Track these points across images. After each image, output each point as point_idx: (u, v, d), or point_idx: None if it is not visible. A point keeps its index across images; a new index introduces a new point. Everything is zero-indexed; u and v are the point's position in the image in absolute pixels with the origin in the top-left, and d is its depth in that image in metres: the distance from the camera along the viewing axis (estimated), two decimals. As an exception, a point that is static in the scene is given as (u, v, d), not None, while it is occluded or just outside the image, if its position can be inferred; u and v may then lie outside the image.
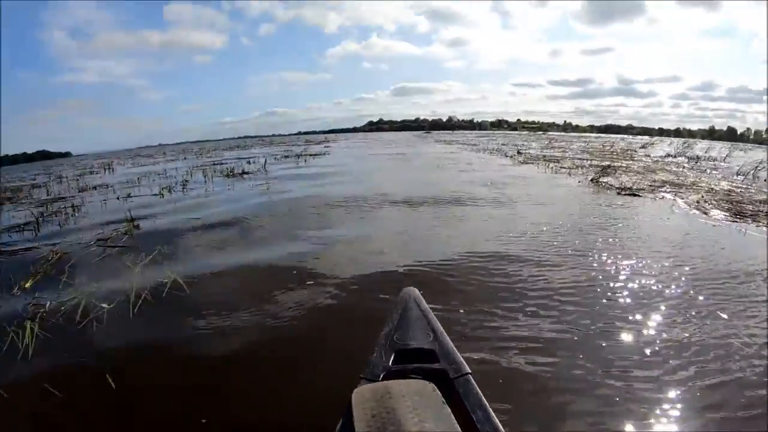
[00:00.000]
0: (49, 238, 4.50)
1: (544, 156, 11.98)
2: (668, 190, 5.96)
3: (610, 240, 3.60)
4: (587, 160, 10.97)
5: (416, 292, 1.46)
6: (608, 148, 18.27)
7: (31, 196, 9.36)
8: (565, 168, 8.81)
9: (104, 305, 2.48)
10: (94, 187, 9.72)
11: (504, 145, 20.09)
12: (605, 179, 6.85)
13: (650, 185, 6.30)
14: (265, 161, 12.13)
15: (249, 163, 12.94)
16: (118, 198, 7.23)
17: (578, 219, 4.30)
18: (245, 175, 9.37)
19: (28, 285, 2.99)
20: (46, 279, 3.11)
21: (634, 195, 5.57)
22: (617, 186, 6.22)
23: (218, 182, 8.47)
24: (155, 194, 7.32)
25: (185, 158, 20.82)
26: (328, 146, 24.14)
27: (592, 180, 6.86)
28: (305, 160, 13.36)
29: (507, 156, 12.49)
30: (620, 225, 4.06)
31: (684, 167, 9.80)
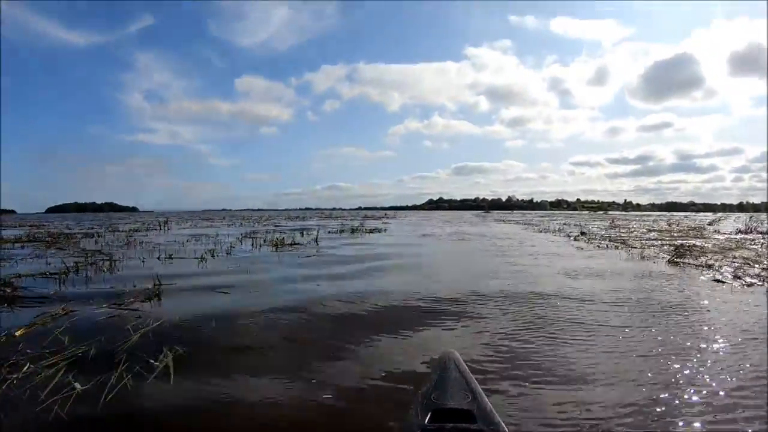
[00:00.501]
0: (71, 290, 4.53)
1: (610, 237, 11.97)
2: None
3: None
4: (657, 240, 10.92)
5: (456, 354, 1.48)
6: (675, 226, 18.52)
7: (78, 245, 9.68)
8: (636, 249, 8.65)
9: (77, 386, 2.00)
10: (141, 244, 10.07)
11: (566, 225, 20.53)
12: (686, 260, 6.74)
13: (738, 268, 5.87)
14: (317, 234, 12.04)
15: (302, 234, 13.17)
16: (158, 258, 7.24)
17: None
18: (294, 247, 9.21)
19: (18, 333, 2.94)
20: (40, 332, 3.01)
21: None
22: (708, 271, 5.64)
23: (264, 252, 8.33)
24: (197, 257, 7.21)
25: (242, 224, 22.06)
26: (386, 222, 24.79)
27: (669, 261, 6.73)
28: (360, 236, 13.41)
29: (571, 237, 12.45)
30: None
31: (762, 243, 9.67)
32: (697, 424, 1.74)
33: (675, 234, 13.22)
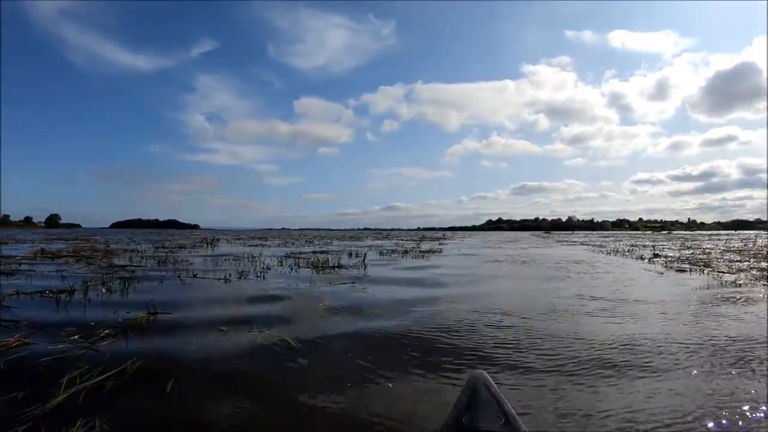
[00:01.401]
0: (52, 315, 4.28)
1: (688, 259, 11.77)
2: None
3: None
4: (739, 261, 10.68)
5: (485, 375, 1.49)
6: (751, 245, 18.70)
7: (109, 261, 9.92)
8: (725, 273, 8.16)
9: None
10: (175, 262, 10.06)
11: (633, 246, 20.71)
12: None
13: None
14: (365, 256, 11.50)
15: (350, 255, 13.07)
16: (179, 277, 7.00)
17: None
18: (338, 269, 8.73)
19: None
20: None
21: None
22: None
23: (302, 274, 7.79)
24: (221, 278, 6.91)
25: (294, 244, 22.48)
26: (443, 243, 25.00)
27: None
28: (414, 257, 13.13)
29: (644, 259, 12.18)
30: None
31: None
32: None
33: (757, 255, 13.08)
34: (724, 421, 1.99)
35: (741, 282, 6.89)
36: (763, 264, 9.36)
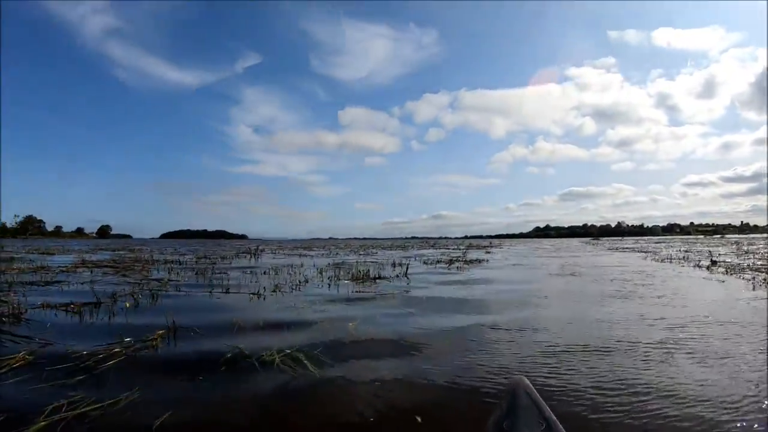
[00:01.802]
0: (67, 330, 4.25)
1: (750, 266, 11.20)
2: None
3: None
4: None
5: (526, 381, 1.50)
6: None
7: (147, 272, 10.25)
8: None
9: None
10: (212, 274, 10.11)
11: (688, 252, 20.45)
12: None
13: None
14: (407, 267, 11.33)
15: (393, 265, 12.80)
16: (211, 292, 6.88)
17: None
18: (379, 281, 8.54)
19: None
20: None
21: None
22: None
23: (340, 288, 7.51)
24: (254, 293, 6.71)
25: (338, 253, 22.61)
26: (489, 252, 25.48)
27: None
28: (458, 268, 12.72)
29: (702, 266, 11.87)
30: None
31: None
32: None
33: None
34: None
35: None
36: None
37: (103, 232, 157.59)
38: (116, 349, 3.35)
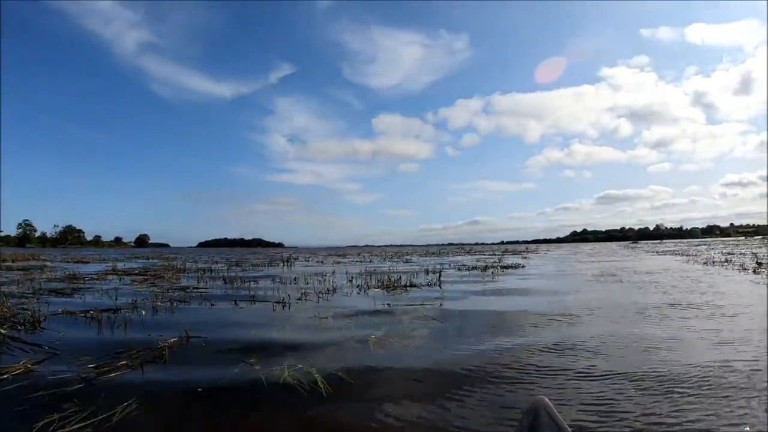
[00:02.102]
0: (92, 334, 4.40)
1: None
2: None
3: None
4: None
5: (547, 401, 1.45)
6: None
7: (176, 280, 10.44)
8: None
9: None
10: (241, 282, 10.14)
11: (730, 254, 20.04)
12: None
13: None
14: (440, 274, 11.15)
15: (427, 272, 12.78)
16: (234, 301, 6.84)
17: None
18: (410, 288, 8.36)
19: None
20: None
21: None
22: None
23: (368, 297, 7.32)
24: (279, 301, 6.66)
25: (371, 260, 22.64)
26: (526, 257, 25.40)
27: None
28: (493, 274, 12.59)
29: (748, 269, 11.54)
30: None
31: None
32: None
33: None
34: None
35: None
36: None
37: (141, 241, 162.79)
38: (122, 361, 3.28)
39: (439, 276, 10.54)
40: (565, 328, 4.74)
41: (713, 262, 15.34)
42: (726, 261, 15.28)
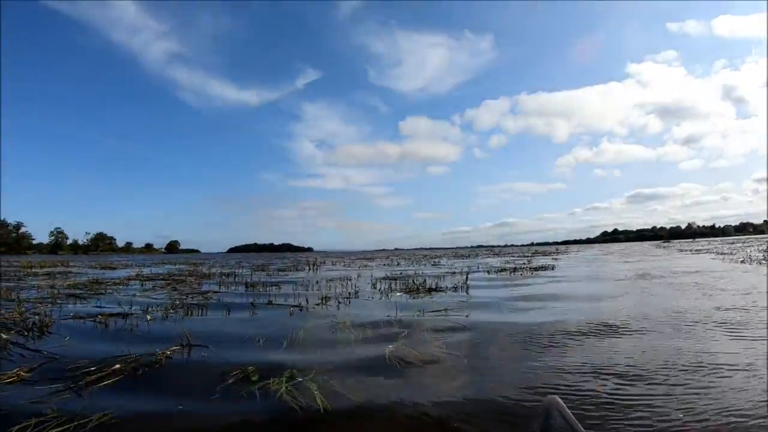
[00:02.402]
0: (95, 340, 4.35)
1: None
2: None
3: None
4: None
5: (558, 400, 1.50)
6: None
7: (197, 285, 10.47)
8: None
9: None
10: (263, 286, 10.03)
11: None
12: None
13: None
14: (467, 277, 10.86)
15: (454, 275, 12.65)
16: (252, 304, 6.79)
17: None
18: (435, 293, 8.11)
19: None
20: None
21: None
22: None
23: (390, 302, 7.06)
24: (297, 305, 6.55)
25: (398, 264, 22.55)
26: (556, 258, 25.26)
27: None
28: (521, 276, 12.25)
29: None
30: None
31: None
32: None
33: None
34: None
35: None
36: None
37: (172, 247, 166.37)
38: (117, 366, 3.18)
39: (466, 279, 10.24)
40: (612, 344, 4.03)
41: (751, 260, 15.20)
42: (765, 259, 15.16)
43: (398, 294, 7.96)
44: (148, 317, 5.47)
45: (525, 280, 10.89)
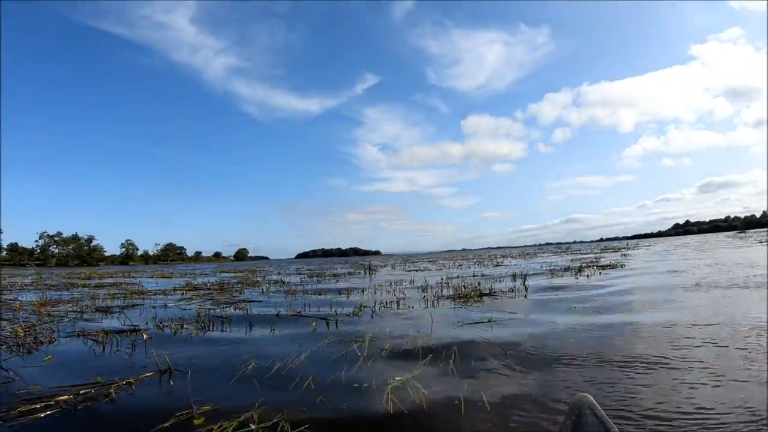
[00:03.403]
0: (81, 361, 4.05)
1: None
2: None
3: None
4: None
5: (590, 398, 1.49)
6: None
7: (240, 293, 10.21)
8: None
9: None
10: (303, 293, 9.76)
11: None
12: None
13: None
14: (524, 279, 9.89)
15: (514, 277, 11.61)
16: (278, 315, 6.38)
17: None
18: (488, 297, 7.38)
19: None
20: None
21: None
22: None
23: (437, 310, 6.33)
24: (325, 317, 5.90)
25: (460, 265, 21.84)
26: (626, 254, 24.07)
27: None
28: (588, 277, 11.05)
29: None
30: None
31: None
32: None
33: None
34: None
35: None
36: None
37: (241, 255, 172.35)
38: (63, 397, 2.74)
39: (524, 282, 9.26)
40: (699, 385, 2.82)
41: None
42: None
43: (446, 301, 7.18)
44: (145, 336, 5.00)
45: (592, 282, 9.61)
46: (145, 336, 4.99)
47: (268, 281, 14.56)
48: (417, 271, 18.36)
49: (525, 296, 7.54)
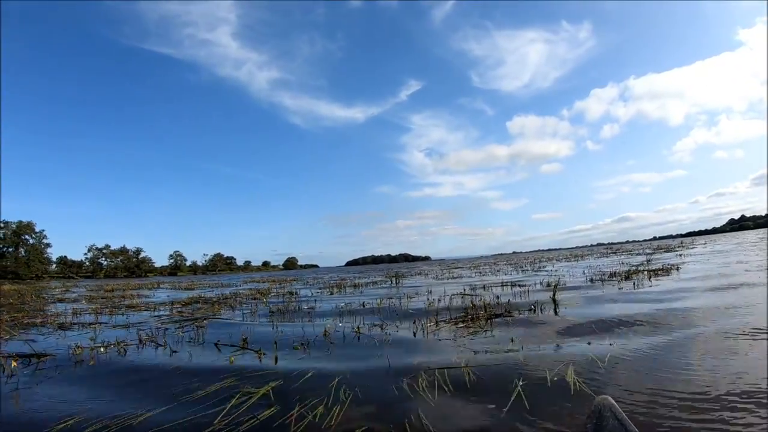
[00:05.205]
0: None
1: None
2: None
3: None
4: None
5: (611, 400, 1.49)
6: None
7: (265, 302, 9.74)
8: None
9: None
10: (285, 313, 9.47)
11: None
12: None
13: None
14: (554, 292, 7.88)
15: (548, 285, 10.60)
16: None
17: None
18: (502, 320, 5.92)
19: None
20: None
21: None
22: None
23: (435, 338, 5.23)
24: (297, 345, 5.01)
25: (498, 270, 21.09)
26: (681, 255, 22.80)
27: None
28: (635, 286, 9.38)
29: None
30: None
31: None
32: None
33: None
34: None
35: None
36: None
37: (290, 263, 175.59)
38: None
39: (554, 295, 7.41)
40: None
41: None
42: None
43: (446, 326, 5.75)
44: (118, 351, 4.29)
45: (641, 293, 8.11)
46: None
47: (277, 293, 14.08)
48: (447, 280, 16.83)
49: (555, 312, 6.33)
